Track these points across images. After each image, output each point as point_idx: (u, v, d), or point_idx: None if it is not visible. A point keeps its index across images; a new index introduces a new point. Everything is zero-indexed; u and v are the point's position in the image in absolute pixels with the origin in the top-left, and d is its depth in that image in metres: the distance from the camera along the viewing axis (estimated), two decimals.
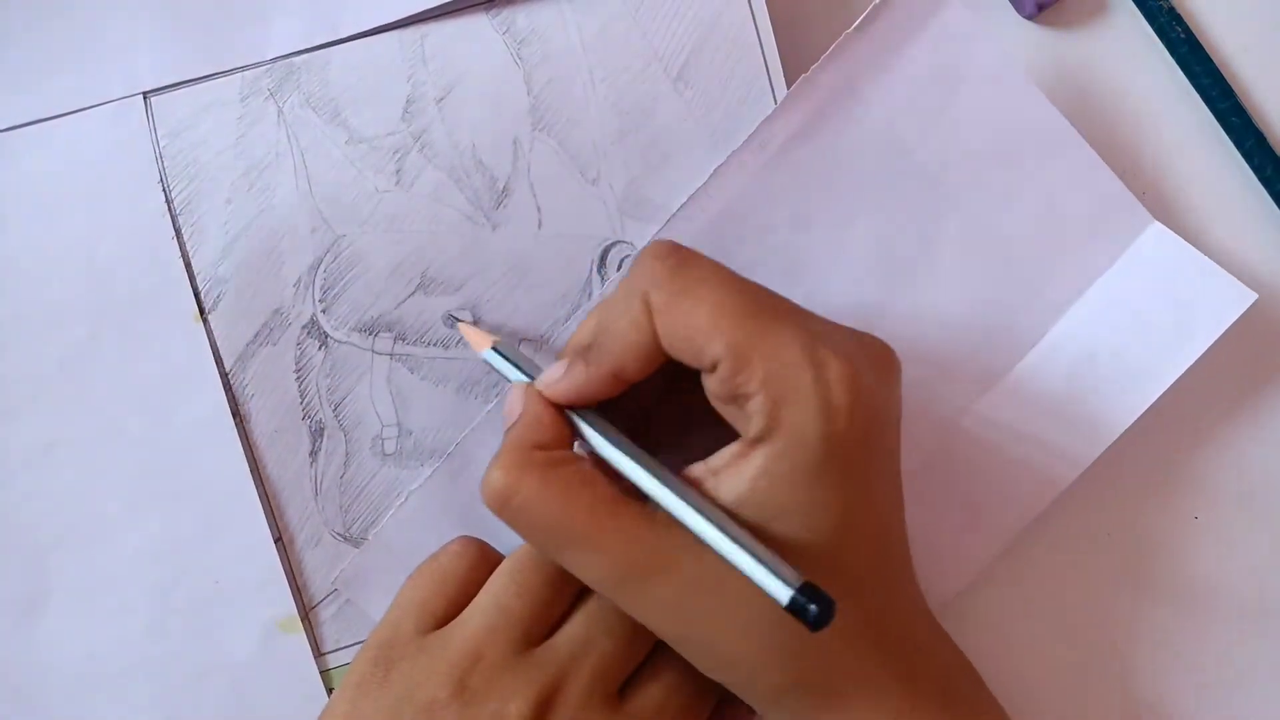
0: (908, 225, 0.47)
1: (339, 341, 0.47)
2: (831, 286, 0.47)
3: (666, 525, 0.38)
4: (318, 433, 0.47)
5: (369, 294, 0.47)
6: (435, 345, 0.47)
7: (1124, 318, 0.48)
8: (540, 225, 0.47)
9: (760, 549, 0.36)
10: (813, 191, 0.47)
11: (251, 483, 0.47)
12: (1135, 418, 0.47)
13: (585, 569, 0.38)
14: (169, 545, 0.47)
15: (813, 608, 0.35)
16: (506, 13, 0.47)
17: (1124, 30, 0.51)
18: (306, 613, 0.47)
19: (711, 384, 0.38)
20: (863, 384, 0.38)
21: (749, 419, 0.38)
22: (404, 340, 0.47)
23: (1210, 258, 0.48)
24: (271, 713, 0.47)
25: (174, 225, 0.46)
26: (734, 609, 0.38)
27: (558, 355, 0.42)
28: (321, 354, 0.47)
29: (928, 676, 0.41)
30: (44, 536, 0.46)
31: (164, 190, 0.46)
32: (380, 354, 0.47)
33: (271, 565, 0.47)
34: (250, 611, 0.47)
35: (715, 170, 0.46)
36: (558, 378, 0.40)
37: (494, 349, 0.44)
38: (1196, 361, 0.48)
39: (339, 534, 0.47)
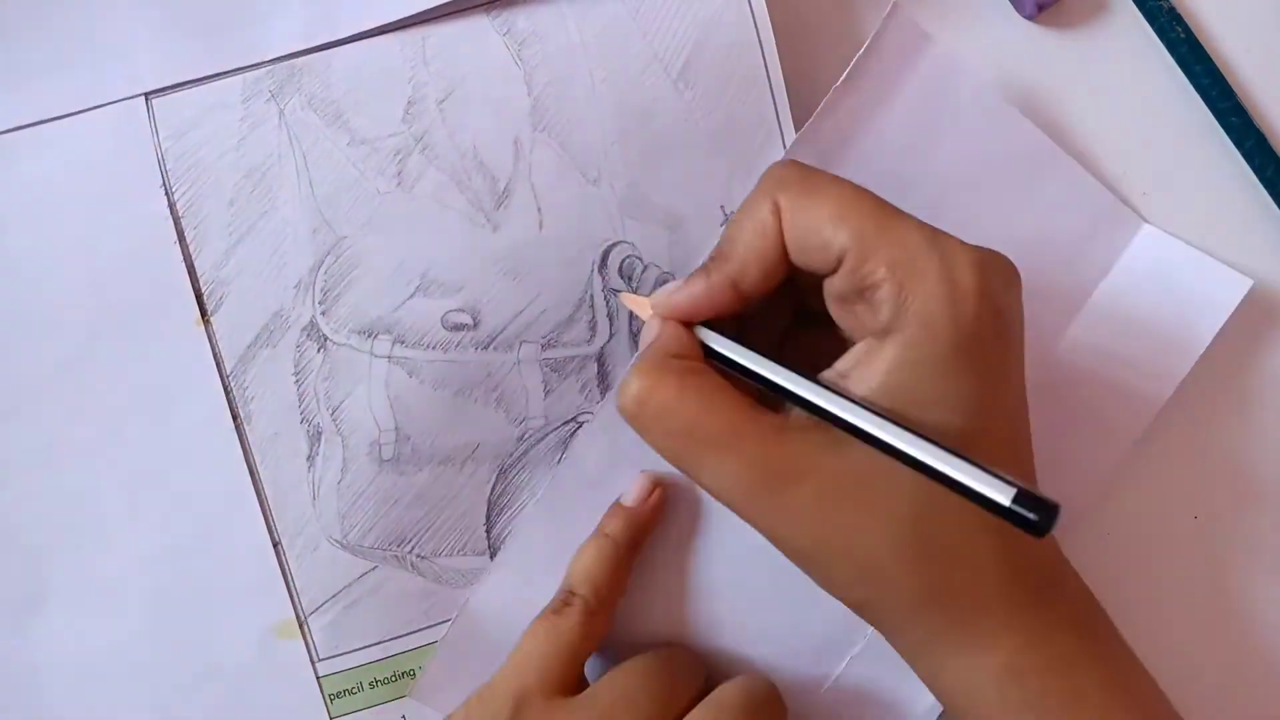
0: None
1: (338, 344, 0.47)
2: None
3: (804, 428, 0.38)
4: (315, 437, 0.47)
5: (369, 296, 0.47)
6: (434, 348, 0.47)
7: (1126, 322, 0.48)
8: (541, 226, 0.47)
9: (949, 449, 0.35)
10: None
11: (250, 487, 0.46)
12: (1149, 420, 0.48)
13: (721, 476, 0.38)
14: (167, 548, 0.46)
15: (1039, 513, 0.34)
16: (507, 14, 0.47)
17: (1124, 30, 0.50)
18: (305, 618, 0.47)
19: (836, 281, 0.38)
20: (990, 281, 0.37)
21: (876, 309, 0.37)
22: (403, 343, 0.47)
23: (1211, 256, 0.48)
24: (268, 716, 0.47)
25: (176, 228, 0.46)
26: (877, 510, 0.37)
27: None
28: (320, 357, 0.47)
29: (1060, 600, 0.41)
30: (42, 538, 0.46)
31: (166, 193, 0.46)
32: (379, 357, 0.47)
33: (269, 570, 0.47)
34: (248, 616, 0.47)
35: (725, 227, 0.45)
36: (675, 288, 0.40)
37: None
38: (1197, 361, 0.48)
39: (336, 540, 0.47)
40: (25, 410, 0.46)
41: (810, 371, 0.39)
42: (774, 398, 0.39)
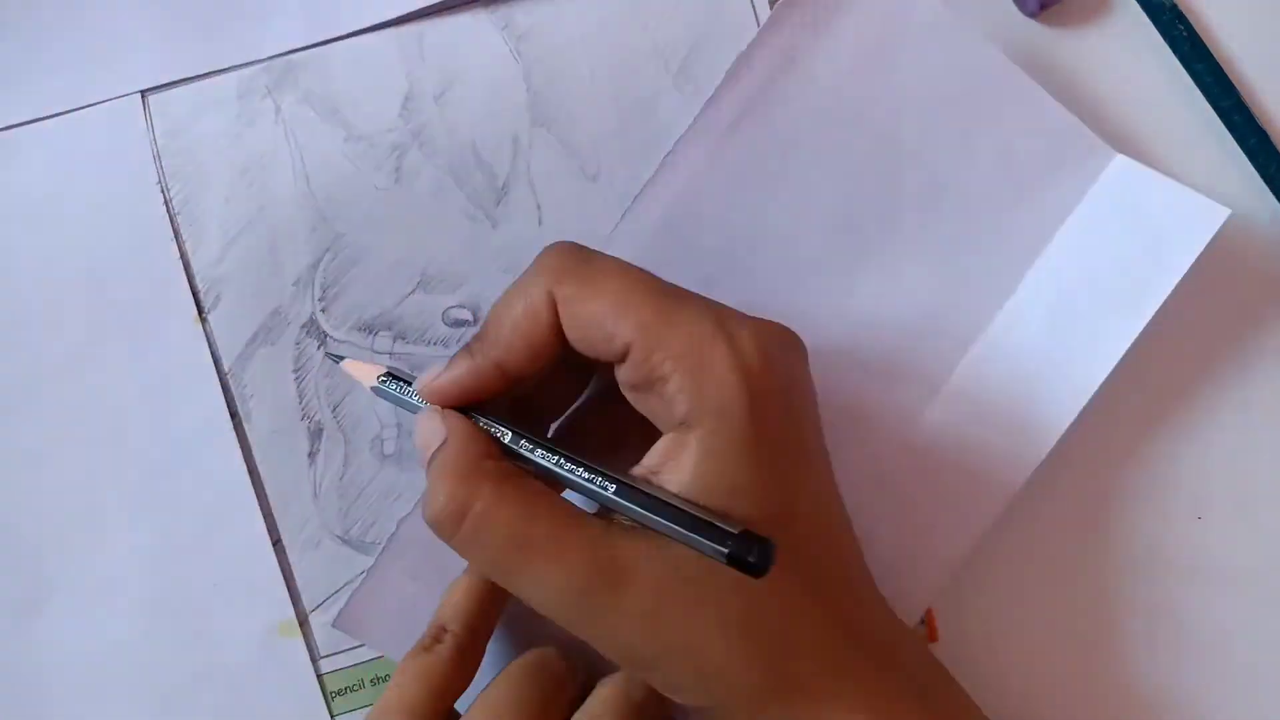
0: (867, 189, 0.46)
1: (338, 341, 0.46)
2: (796, 260, 0.46)
3: (627, 531, 0.36)
4: (317, 434, 0.46)
5: (368, 293, 0.46)
6: (435, 344, 0.47)
7: (1098, 254, 0.47)
8: (540, 222, 0.47)
9: (692, 506, 0.35)
10: (767, 167, 0.46)
11: (250, 485, 0.46)
12: (1123, 352, 0.46)
13: (546, 587, 0.36)
14: (167, 548, 0.46)
15: (751, 559, 0.33)
16: (505, 8, 0.46)
17: (1127, 28, 0.50)
18: (306, 616, 0.46)
19: (625, 373, 0.37)
20: (773, 350, 0.37)
21: (670, 402, 0.36)
22: (403, 339, 0.47)
23: (1185, 185, 0.47)
24: (269, 716, 0.46)
25: (173, 225, 0.46)
26: (707, 609, 0.36)
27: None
28: (320, 354, 0.46)
29: (903, 672, 0.39)
30: (42, 538, 0.46)
31: (162, 190, 0.46)
32: (380, 353, 0.47)
33: (270, 568, 0.46)
34: (248, 615, 0.46)
35: (664, 158, 0.45)
36: (437, 373, 0.38)
37: (387, 375, 0.41)
38: (1198, 360, 0.48)
39: (339, 536, 0.46)
40: (23, 409, 0.46)
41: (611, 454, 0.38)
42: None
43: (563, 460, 0.37)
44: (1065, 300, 0.47)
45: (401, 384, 0.40)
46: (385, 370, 0.41)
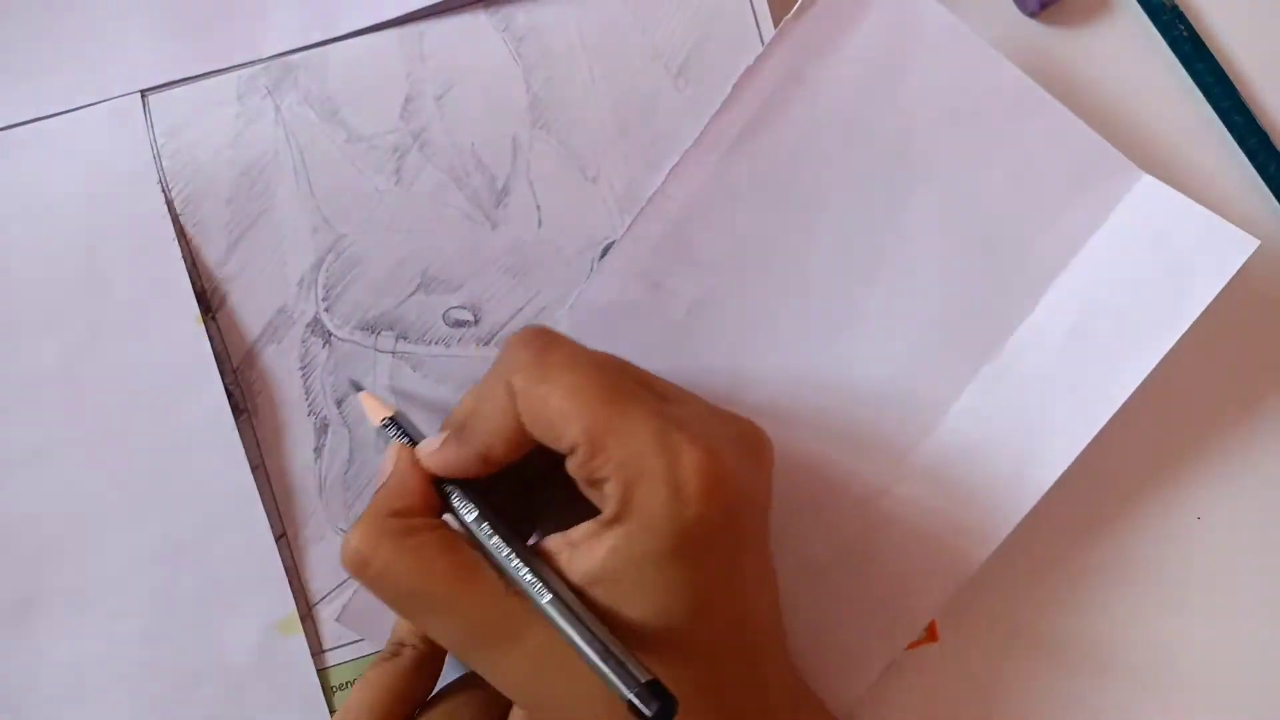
0: (876, 204, 0.46)
1: (342, 339, 0.46)
2: (801, 276, 0.46)
3: (521, 596, 0.38)
4: (322, 429, 0.46)
5: (371, 293, 0.46)
6: (437, 344, 0.47)
7: (1119, 279, 0.45)
8: (540, 224, 0.47)
9: (608, 638, 0.36)
10: (774, 182, 0.45)
11: (253, 483, 0.46)
12: (1140, 381, 0.45)
13: (442, 633, 0.39)
14: (167, 547, 0.46)
15: (652, 707, 0.34)
16: (505, 10, 0.46)
17: (1127, 28, 0.50)
18: (309, 610, 0.46)
19: (571, 467, 0.38)
20: (721, 470, 0.37)
21: (604, 500, 0.37)
22: (406, 339, 0.47)
23: (1215, 213, 0.46)
24: (270, 714, 0.46)
25: (175, 225, 0.45)
26: (583, 685, 0.37)
27: (443, 423, 0.42)
28: (325, 351, 0.46)
29: None
30: (43, 536, 0.45)
31: (163, 189, 0.45)
32: (383, 352, 0.47)
33: (272, 566, 0.46)
34: (249, 613, 0.46)
35: (670, 171, 0.45)
36: (433, 450, 0.40)
37: (390, 420, 0.43)
38: (1199, 359, 0.47)
39: (343, 530, 0.46)
40: (24, 408, 0.45)
41: (572, 505, 0.39)
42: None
43: (507, 554, 0.38)
44: (1084, 325, 0.45)
45: (398, 427, 0.43)
46: (391, 415, 0.43)
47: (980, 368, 0.46)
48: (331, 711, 0.46)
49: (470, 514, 0.39)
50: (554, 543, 0.38)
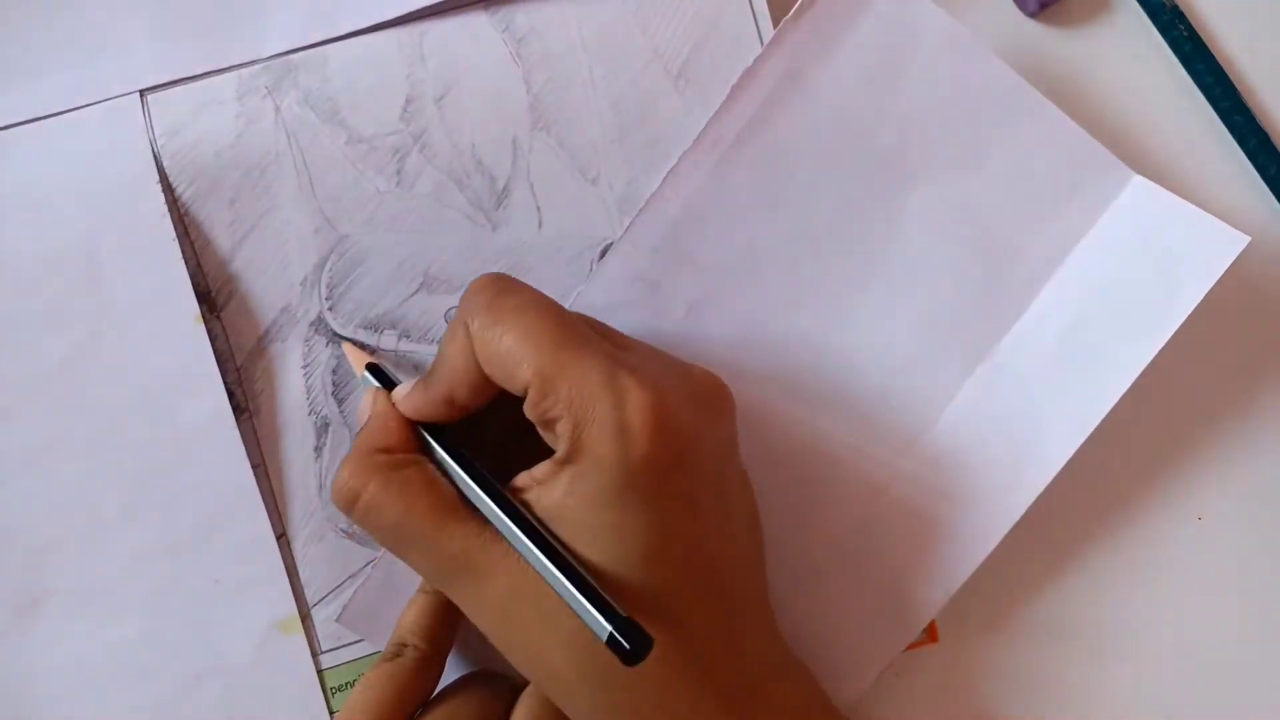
0: (872, 207, 0.45)
1: (345, 339, 0.46)
2: (798, 277, 0.46)
3: (498, 534, 0.39)
4: (323, 428, 0.46)
5: (373, 293, 0.46)
6: (438, 343, 0.45)
7: (1112, 278, 0.45)
8: (540, 225, 0.46)
9: (584, 575, 0.36)
10: (771, 184, 0.45)
11: (254, 482, 0.45)
12: (1134, 378, 0.45)
13: (422, 565, 0.40)
14: (167, 547, 0.45)
15: (626, 645, 0.35)
16: (505, 11, 0.45)
17: (1127, 28, 0.49)
18: (309, 610, 0.46)
19: (526, 408, 0.38)
20: (668, 411, 0.37)
21: (557, 440, 0.38)
22: (408, 338, 0.46)
23: (1206, 211, 0.46)
24: (270, 713, 0.46)
25: (177, 225, 0.45)
26: (553, 621, 0.38)
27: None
28: (328, 351, 0.46)
29: (765, 712, 0.40)
30: (42, 538, 0.45)
31: (164, 189, 0.45)
32: (386, 351, 0.46)
33: (273, 565, 0.46)
34: (249, 613, 0.46)
35: (669, 172, 0.44)
36: (405, 394, 0.41)
37: (372, 364, 0.44)
38: (1200, 358, 0.47)
39: (343, 530, 0.46)
40: (25, 408, 0.45)
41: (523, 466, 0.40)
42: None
43: (480, 491, 0.39)
44: (1078, 324, 0.45)
45: (380, 372, 0.44)
46: (370, 363, 0.44)
47: (975, 367, 0.46)
48: (331, 712, 0.46)
49: (445, 455, 0.40)
50: (521, 480, 0.39)
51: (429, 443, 0.41)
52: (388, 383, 0.43)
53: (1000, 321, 0.46)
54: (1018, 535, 0.46)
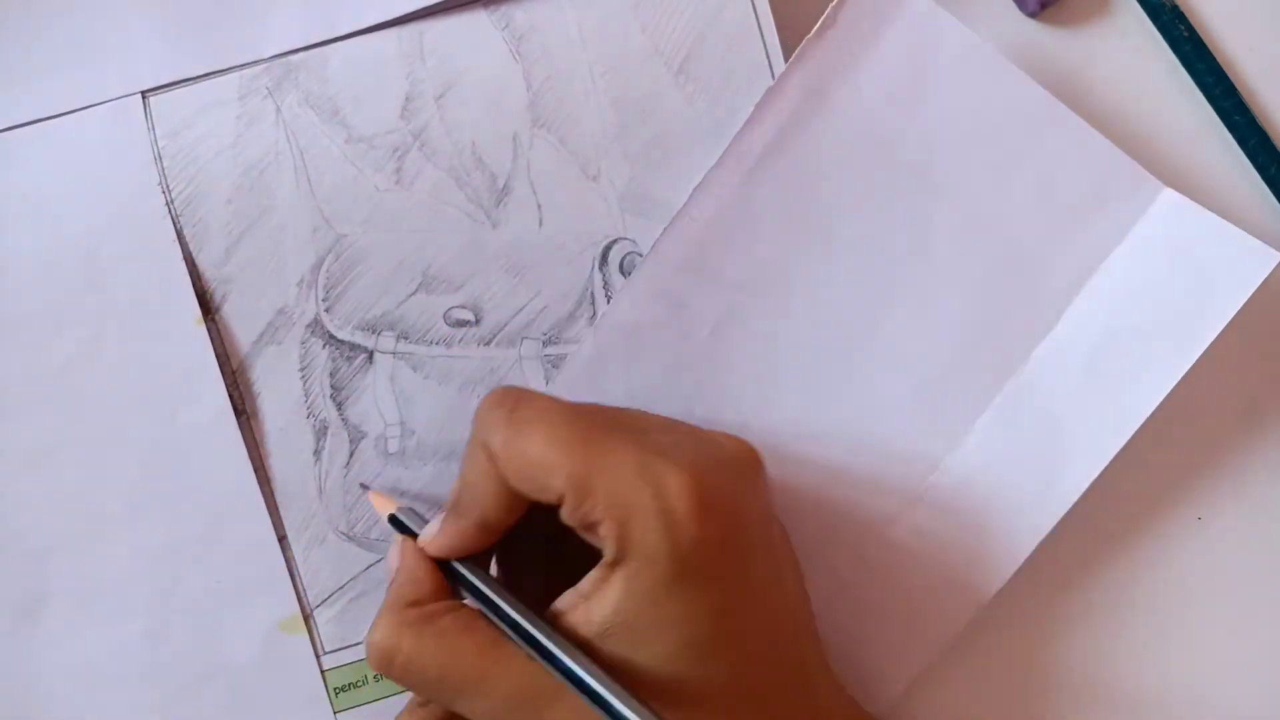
0: (898, 223, 0.45)
1: (342, 340, 0.45)
2: (824, 294, 0.45)
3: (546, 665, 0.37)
4: (321, 431, 0.45)
5: (371, 293, 0.45)
6: (438, 344, 0.45)
7: (1140, 294, 0.44)
8: (541, 223, 0.45)
9: (638, 703, 0.35)
10: (796, 200, 0.44)
11: (255, 482, 0.45)
12: (1164, 395, 0.44)
13: (475, 710, 0.38)
14: (170, 547, 0.45)
15: None
16: (505, 8, 0.45)
17: (1127, 28, 0.49)
18: (310, 613, 0.45)
19: (564, 516, 0.37)
20: (709, 489, 0.36)
21: (602, 543, 0.37)
22: (406, 339, 0.45)
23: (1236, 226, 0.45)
24: (273, 714, 0.45)
25: (175, 226, 0.44)
26: None
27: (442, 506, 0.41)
28: (325, 353, 0.45)
29: None
30: (44, 539, 0.44)
31: (164, 191, 0.44)
32: (383, 353, 0.45)
33: (275, 565, 0.45)
34: (252, 612, 0.45)
35: (694, 189, 0.44)
36: (433, 534, 0.40)
37: (394, 515, 0.43)
38: (1200, 359, 0.45)
39: (343, 533, 0.45)
40: (26, 409, 0.44)
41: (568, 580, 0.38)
42: None
43: (522, 626, 0.38)
44: (1107, 341, 0.44)
45: (402, 522, 0.42)
46: (395, 509, 0.43)
47: (1003, 384, 0.45)
48: (335, 711, 0.45)
49: (478, 589, 0.39)
50: (567, 600, 0.38)
51: (461, 580, 0.39)
52: (410, 529, 0.41)
53: (1028, 337, 0.45)
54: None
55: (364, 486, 0.45)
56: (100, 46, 0.44)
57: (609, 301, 0.45)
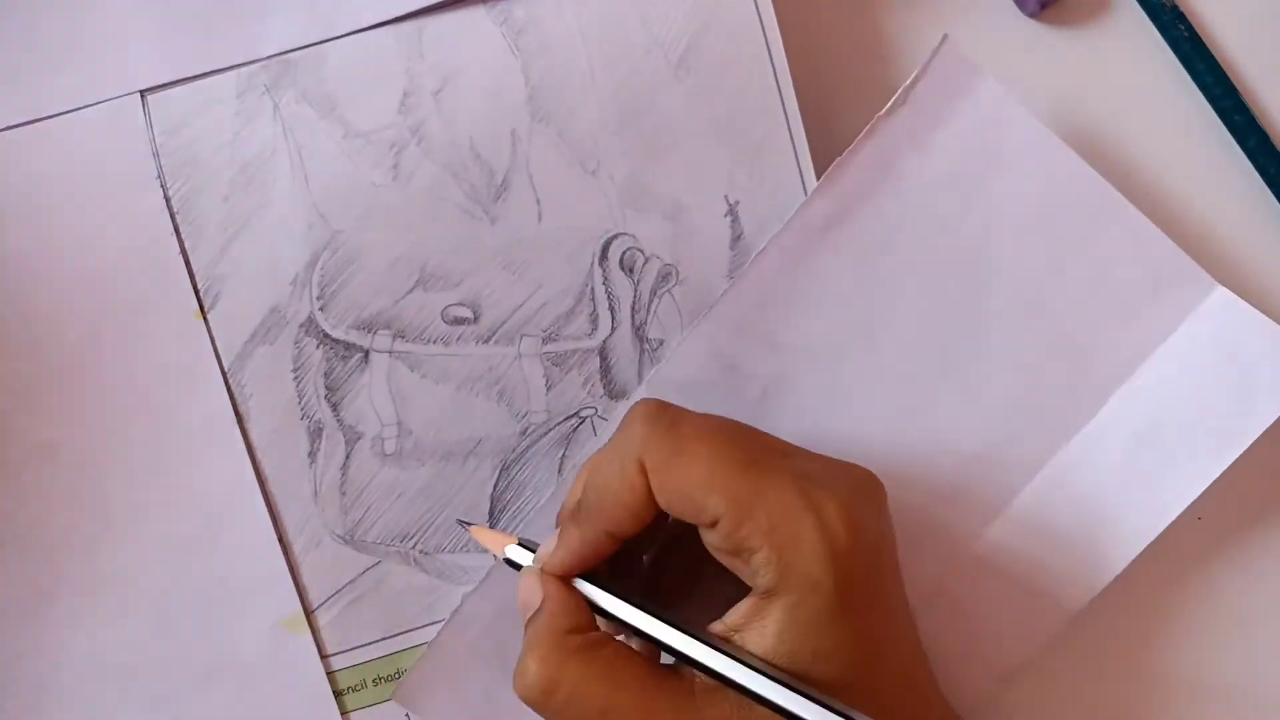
0: (954, 302, 0.45)
1: (337, 340, 0.44)
2: (878, 368, 0.45)
3: (710, 690, 0.36)
4: (316, 433, 0.44)
5: (367, 290, 0.44)
6: (435, 342, 0.44)
7: (1186, 390, 0.44)
8: (540, 218, 0.44)
9: (835, 703, 0.34)
10: (855, 272, 0.44)
11: (255, 480, 0.44)
12: (1201, 490, 0.44)
13: None
14: (173, 545, 0.44)
15: None
16: (504, 3, 0.44)
17: (1127, 28, 0.48)
18: (311, 613, 0.44)
19: (713, 538, 0.36)
20: (860, 518, 0.36)
21: (755, 572, 0.36)
22: (403, 337, 0.44)
23: (1211, 255, 0.45)
24: (277, 711, 0.44)
25: (173, 223, 0.43)
26: None
27: (557, 518, 0.40)
28: (320, 353, 0.44)
29: None
30: (47, 538, 0.44)
31: (161, 187, 0.43)
32: (379, 352, 0.44)
33: (276, 564, 0.44)
34: (255, 610, 0.44)
35: (755, 255, 0.44)
36: (554, 548, 0.38)
37: (508, 558, 0.41)
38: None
39: (340, 536, 0.44)
40: (27, 408, 0.43)
41: (696, 580, 0.38)
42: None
43: (672, 631, 0.36)
44: (1149, 432, 0.44)
45: (524, 549, 0.40)
46: (515, 541, 0.41)
47: (1043, 466, 0.45)
48: (342, 713, 0.45)
49: (643, 616, 0.37)
50: (716, 630, 0.37)
51: (616, 608, 0.37)
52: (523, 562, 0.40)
53: (1071, 423, 0.45)
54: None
55: (463, 524, 0.43)
56: (99, 46, 0.43)
57: (608, 296, 0.45)
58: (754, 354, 0.44)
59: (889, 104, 0.43)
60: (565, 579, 0.38)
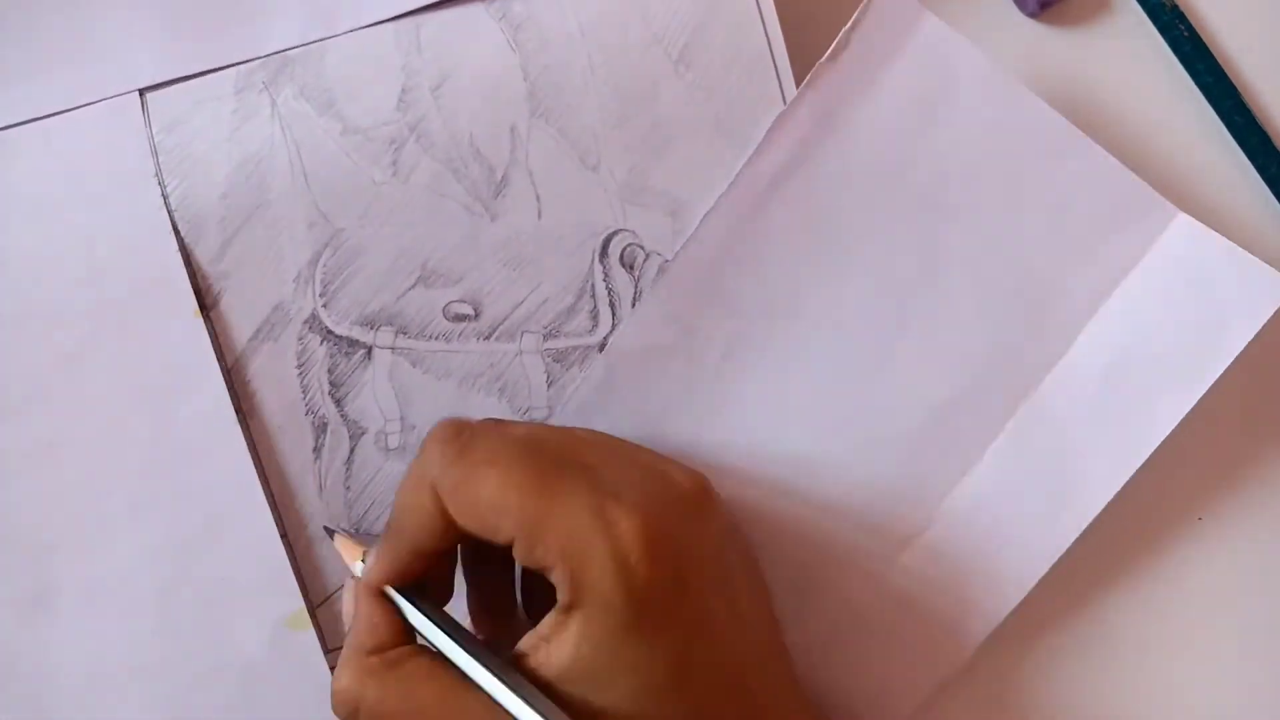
0: (910, 248, 0.43)
1: (340, 336, 0.43)
2: (838, 323, 0.43)
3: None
4: (320, 429, 0.43)
5: (369, 287, 0.43)
6: (437, 338, 0.43)
7: (1154, 321, 0.43)
8: (540, 215, 0.43)
9: None
10: (808, 226, 0.43)
11: (257, 478, 0.43)
12: (1176, 422, 0.42)
13: None
14: (174, 543, 0.43)
15: None
16: None
17: (1127, 28, 0.47)
18: (314, 610, 0.43)
19: (516, 555, 0.36)
20: (660, 530, 0.35)
21: (557, 587, 0.35)
22: (405, 334, 0.43)
23: (1249, 253, 0.43)
24: (281, 709, 0.43)
25: (171, 220, 0.42)
26: None
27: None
28: (323, 349, 0.43)
29: None
30: (48, 536, 0.43)
31: (160, 185, 0.42)
32: (382, 348, 0.43)
33: (279, 561, 0.43)
34: (258, 608, 0.43)
35: (705, 216, 0.42)
36: (370, 567, 0.38)
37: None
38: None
39: (345, 530, 0.43)
40: (27, 407, 0.42)
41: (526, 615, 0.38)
42: None
43: (476, 664, 0.36)
44: (1119, 366, 0.43)
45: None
46: (362, 557, 0.40)
47: (1015, 410, 0.43)
48: None
49: (437, 631, 0.37)
50: (528, 641, 0.36)
51: (416, 624, 0.37)
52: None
53: (1042, 362, 0.43)
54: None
55: (329, 531, 0.43)
56: (98, 45, 0.43)
57: (609, 292, 0.44)
58: (711, 316, 0.43)
59: (829, 50, 0.42)
60: (380, 593, 0.38)
